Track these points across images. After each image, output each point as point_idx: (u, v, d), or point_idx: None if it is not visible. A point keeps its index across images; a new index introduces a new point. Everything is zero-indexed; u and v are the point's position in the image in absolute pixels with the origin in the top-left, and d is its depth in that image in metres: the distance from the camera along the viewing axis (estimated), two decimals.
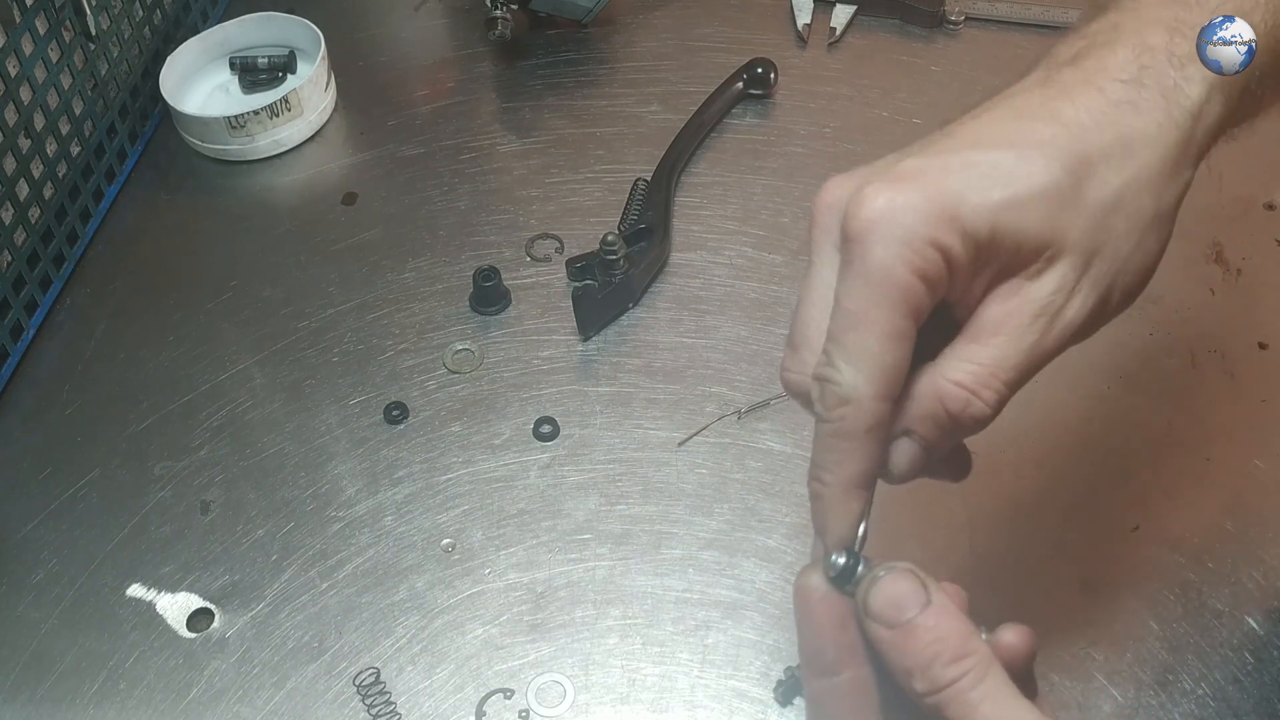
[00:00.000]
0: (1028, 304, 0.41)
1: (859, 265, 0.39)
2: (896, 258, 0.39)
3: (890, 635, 0.38)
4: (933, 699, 0.37)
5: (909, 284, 0.39)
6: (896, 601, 0.38)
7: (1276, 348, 0.73)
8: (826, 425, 0.40)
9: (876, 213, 0.39)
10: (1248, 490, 0.67)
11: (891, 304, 0.39)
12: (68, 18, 0.83)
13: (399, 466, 0.71)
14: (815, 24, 0.97)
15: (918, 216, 0.39)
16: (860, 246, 0.39)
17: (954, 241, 0.39)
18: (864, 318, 0.39)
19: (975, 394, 0.41)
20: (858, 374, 0.39)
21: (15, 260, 0.78)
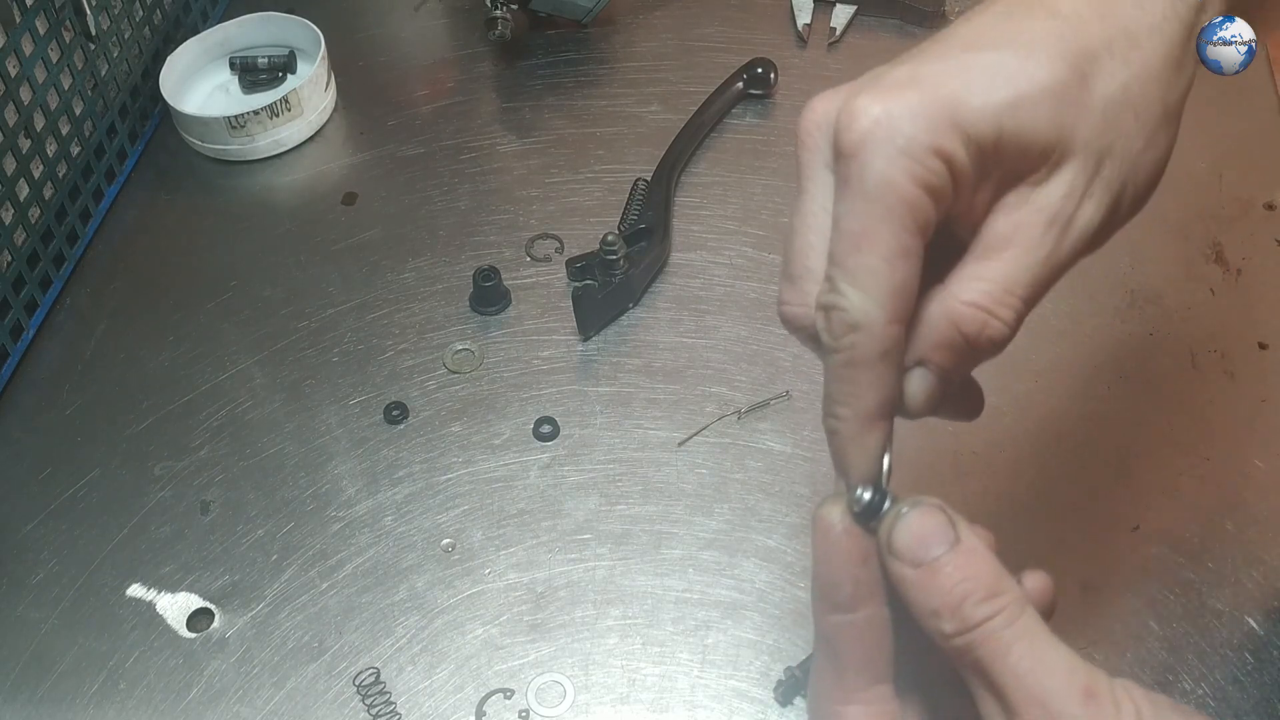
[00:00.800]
0: (1038, 212, 0.39)
1: (857, 182, 0.37)
2: (898, 169, 0.37)
3: (915, 574, 0.36)
4: (962, 639, 0.35)
5: (913, 197, 0.37)
6: (922, 539, 0.37)
7: (1276, 348, 0.73)
8: (837, 356, 0.38)
9: (872, 123, 0.37)
10: (1248, 490, 0.67)
11: (896, 219, 0.37)
12: (68, 18, 0.83)
13: (399, 466, 0.71)
14: (815, 24, 0.96)
15: (917, 123, 0.37)
16: (857, 161, 0.37)
17: (957, 148, 0.37)
18: (867, 237, 0.37)
19: (991, 313, 0.39)
20: (866, 297, 0.37)
21: (15, 260, 0.78)
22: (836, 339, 0.38)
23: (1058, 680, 0.35)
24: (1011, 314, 0.39)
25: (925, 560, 0.36)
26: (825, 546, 0.38)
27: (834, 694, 0.39)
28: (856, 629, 0.38)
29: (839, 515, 0.38)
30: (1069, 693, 0.35)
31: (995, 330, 0.39)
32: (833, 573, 0.38)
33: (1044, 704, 0.34)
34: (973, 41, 0.39)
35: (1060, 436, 0.70)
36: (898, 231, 0.37)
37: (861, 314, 0.37)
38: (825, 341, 0.38)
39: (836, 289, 0.37)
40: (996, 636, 0.35)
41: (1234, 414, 0.70)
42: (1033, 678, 0.35)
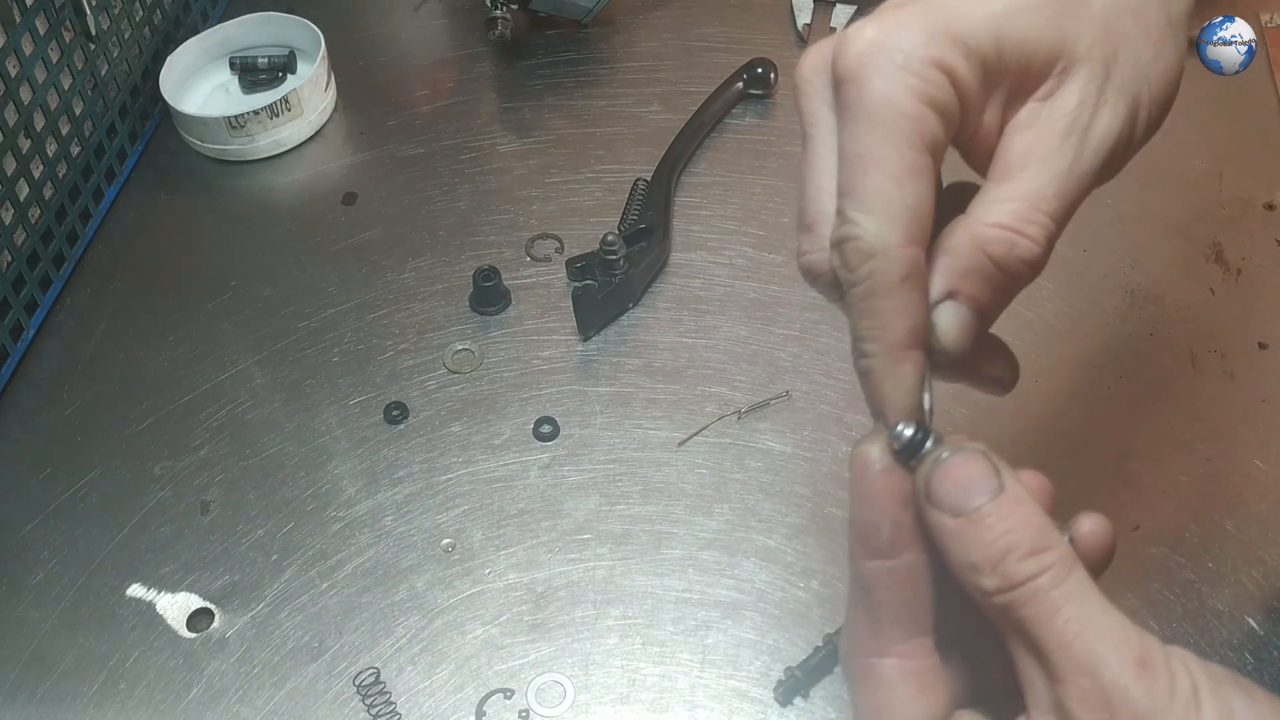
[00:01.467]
0: (1052, 124, 0.38)
1: (857, 104, 0.36)
2: (898, 85, 0.35)
3: (955, 524, 0.34)
4: (1004, 597, 0.33)
5: (917, 112, 0.35)
6: (964, 486, 0.34)
7: (1276, 348, 0.73)
8: (856, 289, 0.36)
9: (868, 44, 0.36)
10: (1248, 490, 0.67)
11: (901, 136, 0.35)
12: (68, 18, 0.83)
13: (399, 466, 0.71)
14: (815, 24, 0.96)
15: (914, 38, 0.36)
16: (855, 85, 0.36)
17: (958, 61, 0.36)
18: (873, 158, 0.35)
19: (1020, 232, 0.37)
20: (877, 220, 0.35)
21: (15, 260, 0.78)
22: (853, 270, 0.36)
23: (1109, 647, 0.32)
24: (1040, 230, 0.37)
25: (966, 510, 0.34)
26: (864, 486, 0.36)
27: (868, 645, 0.36)
28: (895, 576, 0.36)
29: (878, 452, 0.36)
30: (1121, 661, 0.32)
31: (1025, 249, 0.37)
32: (872, 515, 0.36)
33: (1093, 672, 0.32)
34: None
35: (1060, 436, 0.70)
36: (904, 149, 0.35)
37: (875, 238, 0.35)
38: (843, 276, 0.36)
39: (848, 218, 0.36)
40: (1042, 596, 0.33)
41: (1234, 414, 0.70)
42: (1081, 643, 0.32)
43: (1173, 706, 0.32)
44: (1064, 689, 0.32)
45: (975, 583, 0.33)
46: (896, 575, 0.36)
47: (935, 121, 0.36)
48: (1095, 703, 0.32)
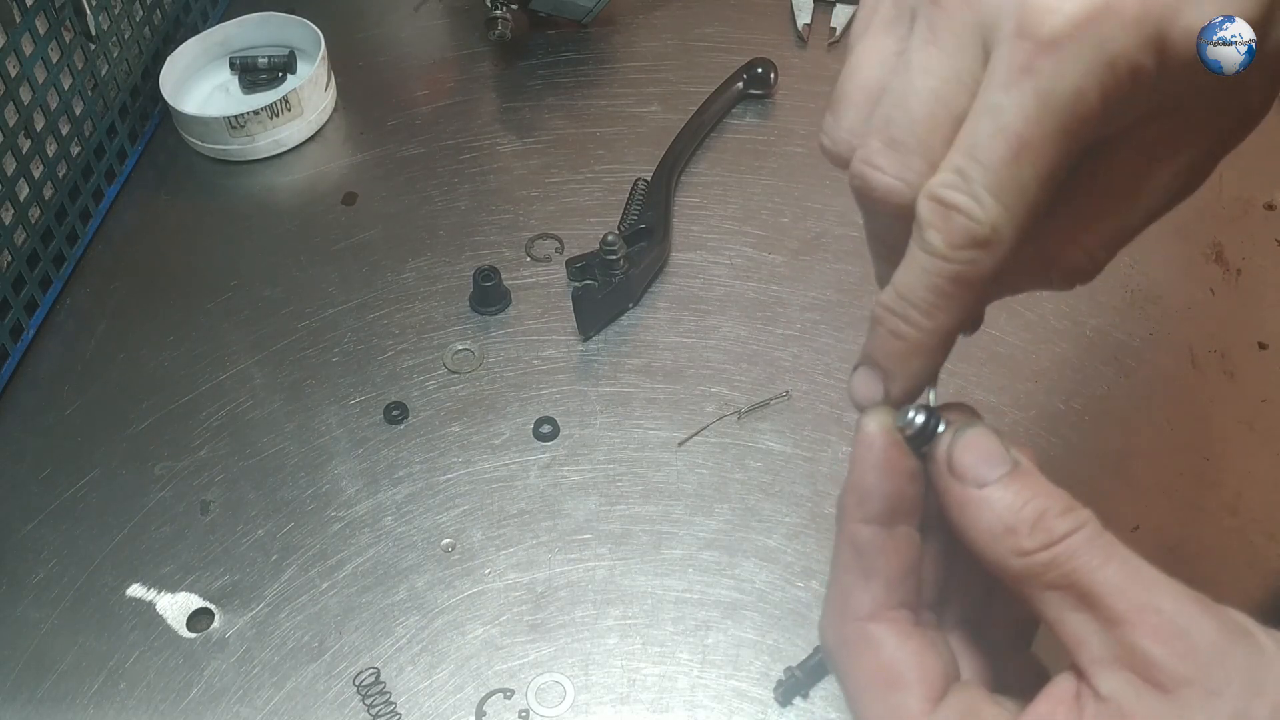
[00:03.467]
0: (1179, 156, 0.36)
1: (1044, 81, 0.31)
2: (1095, 81, 0.31)
3: (981, 494, 0.33)
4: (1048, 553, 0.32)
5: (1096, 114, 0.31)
6: (988, 458, 0.34)
7: (1276, 348, 0.73)
8: (945, 265, 0.33)
9: (1087, 16, 0.31)
10: (1248, 490, 0.67)
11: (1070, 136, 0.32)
12: (68, 18, 0.83)
13: (399, 466, 0.71)
14: (815, 24, 0.97)
15: (1130, 32, 0.31)
16: (1054, 58, 0.31)
17: (1153, 67, 0.32)
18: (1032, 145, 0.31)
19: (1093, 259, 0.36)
20: (1005, 213, 0.32)
21: (15, 260, 0.78)
22: (955, 248, 0.32)
23: (1164, 588, 0.32)
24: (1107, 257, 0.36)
25: (990, 480, 0.33)
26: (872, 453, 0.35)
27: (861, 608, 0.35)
28: (892, 543, 0.35)
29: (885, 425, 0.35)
30: (1182, 596, 0.32)
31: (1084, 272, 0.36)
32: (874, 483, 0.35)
33: (1158, 608, 0.32)
34: None
35: (1060, 436, 0.70)
36: (1066, 150, 0.32)
37: (993, 231, 0.32)
38: (933, 243, 0.33)
39: (973, 193, 0.32)
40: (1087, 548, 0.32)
41: (1234, 414, 0.70)
42: (1139, 584, 0.32)
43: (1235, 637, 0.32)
44: (1131, 628, 0.32)
45: (1012, 545, 0.33)
46: (892, 543, 0.35)
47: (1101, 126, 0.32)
48: (1169, 634, 0.32)
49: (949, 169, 0.33)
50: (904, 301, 0.34)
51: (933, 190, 0.33)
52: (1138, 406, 0.71)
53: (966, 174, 0.32)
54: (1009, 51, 0.32)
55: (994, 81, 0.32)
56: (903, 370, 0.35)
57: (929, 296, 0.34)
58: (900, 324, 0.35)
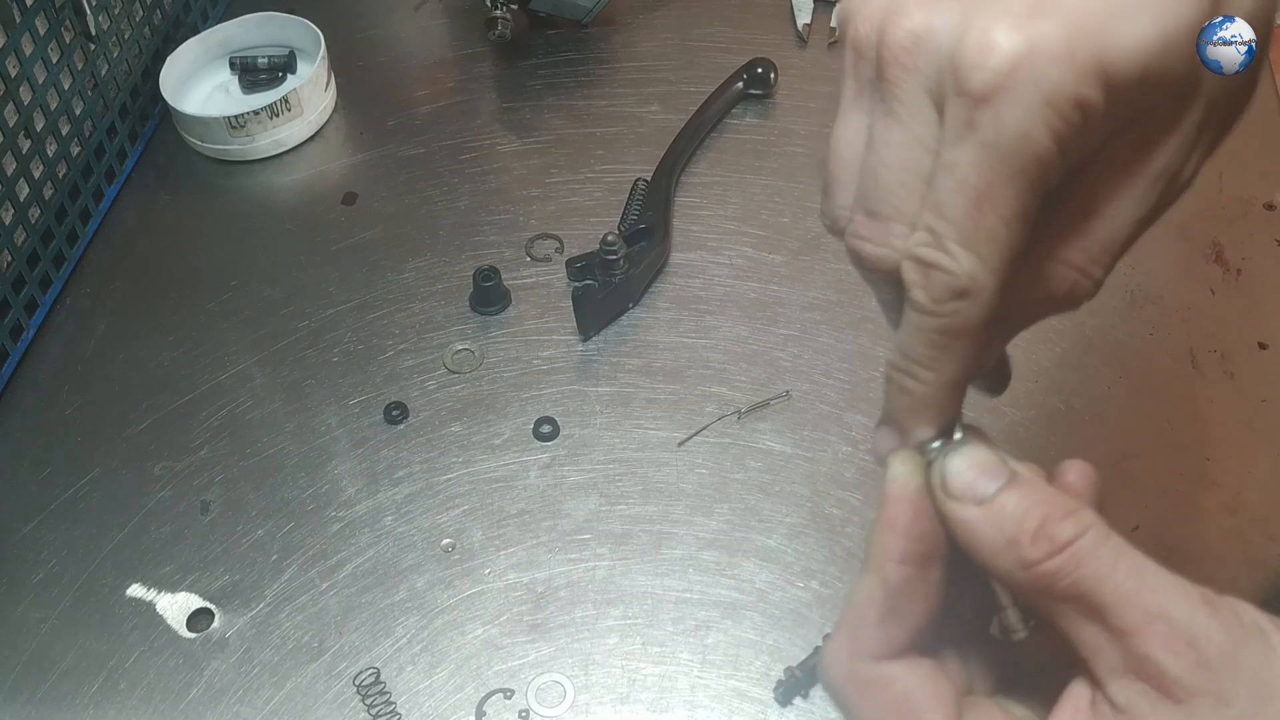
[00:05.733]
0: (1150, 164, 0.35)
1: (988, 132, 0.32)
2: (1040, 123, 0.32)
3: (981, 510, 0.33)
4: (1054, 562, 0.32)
5: (1049, 154, 0.32)
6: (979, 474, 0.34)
7: (1276, 348, 0.73)
8: (933, 320, 0.34)
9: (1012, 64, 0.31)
10: (1248, 490, 0.67)
11: (1028, 178, 0.32)
12: (68, 18, 0.83)
13: (399, 466, 0.71)
14: (815, 24, 0.97)
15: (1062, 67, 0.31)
16: (990, 108, 0.32)
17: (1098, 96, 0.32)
18: (991, 196, 0.32)
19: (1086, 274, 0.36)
20: (979, 263, 0.33)
21: (15, 260, 0.78)
22: (938, 303, 0.34)
23: (1172, 593, 0.32)
24: (1103, 272, 0.36)
25: (987, 495, 0.33)
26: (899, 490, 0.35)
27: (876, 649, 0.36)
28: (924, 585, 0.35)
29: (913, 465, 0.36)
30: (1190, 602, 0.32)
31: (1083, 290, 0.36)
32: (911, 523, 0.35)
33: (1167, 617, 0.32)
34: None
35: (1060, 436, 0.70)
36: (1025, 192, 0.32)
37: (971, 281, 0.33)
38: (919, 301, 0.34)
39: (944, 248, 0.33)
40: (1092, 555, 0.32)
41: (1234, 414, 0.70)
42: (1146, 592, 0.32)
43: (1247, 637, 0.32)
44: (1141, 639, 0.32)
45: (1017, 557, 0.33)
46: (925, 586, 0.35)
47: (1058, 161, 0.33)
48: (1178, 644, 0.32)
49: (922, 228, 0.34)
50: (906, 359, 0.35)
51: (911, 251, 0.34)
52: (1138, 406, 0.71)
53: (936, 231, 0.33)
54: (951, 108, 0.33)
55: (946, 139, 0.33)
56: (915, 423, 0.36)
57: (926, 351, 0.35)
58: (906, 380, 0.36)
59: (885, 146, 0.35)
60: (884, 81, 0.35)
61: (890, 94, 0.35)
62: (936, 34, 0.34)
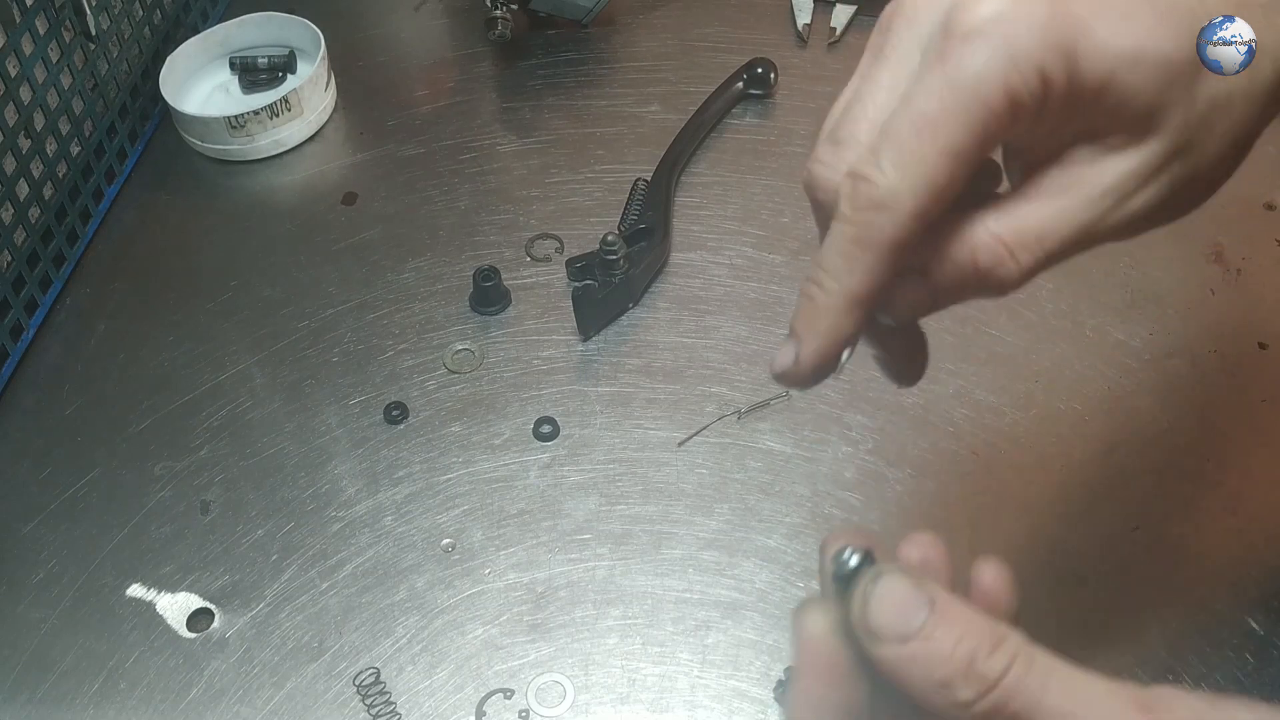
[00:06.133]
0: (1101, 176, 0.38)
1: (952, 66, 0.35)
2: (998, 70, 0.35)
3: (907, 650, 0.32)
4: (988, 700, 0.32)
5: (998, 104, 0.35)
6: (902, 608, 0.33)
7: (1276, 348, 0.73)
8: (848, 228, 0.36)
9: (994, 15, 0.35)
10: (1248, 490, 0.67)
11: (971, 118, 0.35)
12: (68, 18, 0.83)
13: (399, 466, 0.71)
14: (815, 24, 0.97)
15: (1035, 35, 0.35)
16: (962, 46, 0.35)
17: (1061, 76, 0.35)
18: (934, 123, 0.35)
19: (1013, 254, 0.38)
20: (902, 179, 0.35)
21: (15, 260, 0.78)
22: (855, 210, 0.36)
23: (1106, 707, 0.32)
24: (1030, 260, 0.38)
25: (912, 631, 0.32)
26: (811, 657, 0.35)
27: None
28: None
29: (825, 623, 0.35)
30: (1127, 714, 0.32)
31: (1006, 272, 0.38)
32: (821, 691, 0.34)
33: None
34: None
35: (1060, 437, 0.70)
36: (966, 132, 0.35)
37: (890, 195, 0.35)
38: (841, 209, 0.37)
39: (877, 162, 0.36)
40: (1024, 685, 0.32)
41: (1234, 414, 0.70)
42: (1084, 712, 0.32)
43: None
44: None
45: (950, 699, 0.32)
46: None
47: (1007, 122, 0.35)
48: None
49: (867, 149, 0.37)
50: (817, 268, 0.37)
51: (850, 167, 0.37)
52: (1138, 406, 0.71)
53: (876, 149, 0.36)
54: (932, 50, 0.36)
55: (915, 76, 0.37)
56: (810, 331, 0.38)
57: (835, 259, 0.37)
58: (812, 287, 0.38)
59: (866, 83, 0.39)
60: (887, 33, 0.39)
61: (888, 41, 0.39)
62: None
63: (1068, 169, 0.38)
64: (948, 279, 0.38)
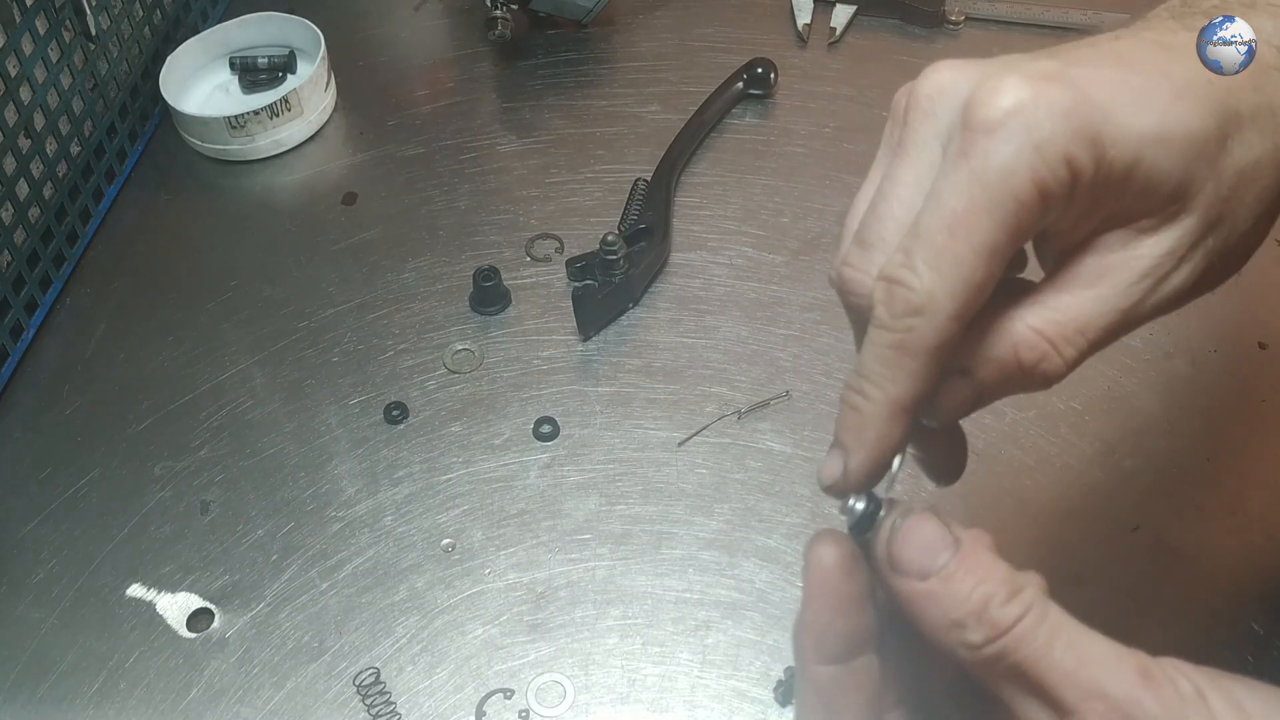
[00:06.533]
0: (1136, 261, 0.37)
1: (978, 161, 0.34)
2: (1025, 162, 0.34)
3: (926, 587, 0.33)
4: (995, 646, 0.32)
5: (1028, 196, 0.34)
6: (925, 547, 0.34)
7: (1276, 348, 0.73)
8: (887, 334, 0.35)
9: (1015, 105, 0.34)
10: (1248, 490, 0.67)
11: (1003, 213, 0.34)
12: (68, 18, 0.83)
13: (399, 466, 0.71)
14: (815, 24, 0.97)
15: (1059, 123, 0.34)
16: (986, 140, 0.34)
17: (1088, 163, 0.35)
18: (966, 222, 0.34)
19: (1056, 348, 0.37)
20: (940, 282, 0.34)
21: (15, 260, 0.78)
22: (894, 317, 0.35)
23: (1110, 668, 0.33)
24: (1074, 354, 0.37)
25: (933, 570, 0.33)
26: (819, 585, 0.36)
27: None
28: (853, 678, 0.36)
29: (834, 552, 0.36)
30: (1126, 677, 0.32)
31: (1051, 366, 0.37)
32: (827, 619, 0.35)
33: (1104, 694, 0.32)
34: (1127, 59, 0.37)
35: (1060, 437, 0.70)
36: (999, 226, 0.34)
37: (928, 299, 0.34)
38: (879, 315, 0.36)
39: (911, 264, 0.35)
40: (1033, 635, 0.32)
41: (1234, 414, 0.70)
42: (1085, 671, 0.32)
43: (1184, 708, 0.32)
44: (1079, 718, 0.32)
45: (960, 639, 0.33)
46: (854, 677, 0.35)
47: (1039, 213, 0.35)
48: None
49: (898, 250, 0.36)
50: (859, 376, 0.36)
51: (882, 270, 0.36)
52: (1138, 407, 0.71)
53: (909, 250, 0.35)
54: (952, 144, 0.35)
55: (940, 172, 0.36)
56: (857, 442, 0.37)
57: (877, 367, 0.36)
58: (855, 396, 0.37)
59: (889, 182, 0.38)
60: (905, 127, 0.38)
61: (907, 137, 0.38)
62: (959, 85, 0.36)
63: (1102, 255, 0.37)
64: (991, 377, 0.38)
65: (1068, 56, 0.37)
